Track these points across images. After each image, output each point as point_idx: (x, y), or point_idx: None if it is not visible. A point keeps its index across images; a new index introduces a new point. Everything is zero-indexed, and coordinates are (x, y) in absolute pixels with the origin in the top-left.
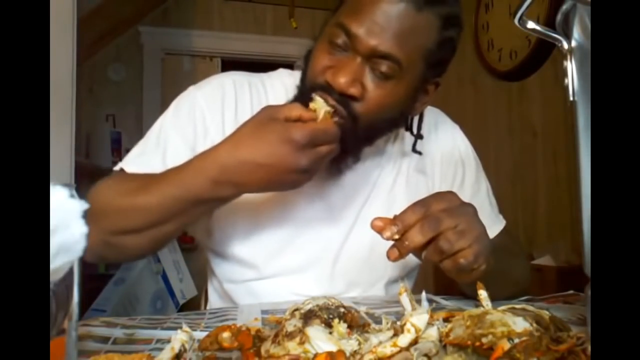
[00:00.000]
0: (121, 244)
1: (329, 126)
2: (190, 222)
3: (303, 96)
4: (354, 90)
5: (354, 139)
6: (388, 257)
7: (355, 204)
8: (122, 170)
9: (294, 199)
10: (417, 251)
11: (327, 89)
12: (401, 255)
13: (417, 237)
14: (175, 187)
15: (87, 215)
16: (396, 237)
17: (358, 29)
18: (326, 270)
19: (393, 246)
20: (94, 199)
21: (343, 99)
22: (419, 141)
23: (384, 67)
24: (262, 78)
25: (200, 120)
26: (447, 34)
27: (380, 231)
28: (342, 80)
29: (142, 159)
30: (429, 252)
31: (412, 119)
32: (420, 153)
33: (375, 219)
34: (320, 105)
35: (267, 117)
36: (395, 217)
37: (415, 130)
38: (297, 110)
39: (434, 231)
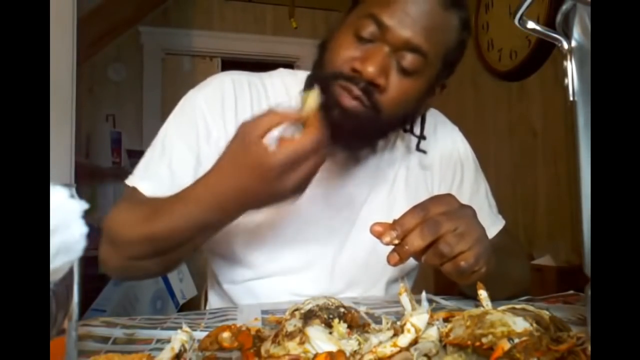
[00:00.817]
0: (141, 267)
1: (307, 139)
2: (203, 242)
3: (323, 86)
4: (381, 80)
5: (375, 129)
6: (388, 262)
7: (355, 203)
8: (134, 189)
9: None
10: (417, 255)
11: (352, 79)
12: (401, 260)
13: (416, 241)
14: (181, 217)
15: (107, 241)
16: (396, 241)
17: (390, 20)
18: (326, 270)
19: (393, 251)
20: (111, 226)
21: (368, 88)
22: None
23: (409, 60)
24: (261, 77)
25: (202, 124)
26: (462, 35)
27: (379, 236)
28: (370, 69)
29: (149, 170)
30: (429, 256)
31: (412, 122)
32: (424, 152)
33: (375, 224)
34: (312, 96)
35: (244, 139)
36: (395, 221)
37: (417, 131)
38: (276, 119)
39: (434, 235)
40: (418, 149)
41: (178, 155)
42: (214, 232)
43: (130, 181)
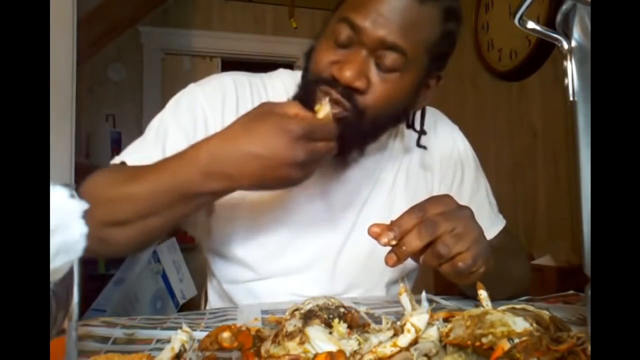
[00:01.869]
0: (111, 237)
1: (327, 123)
2: (180, 217)
3: (306, 92)
4: (359, 84)
5: (360, 132)
6: (386, 263)
7: (355, 203)
8: (121, 163)
9: (294, 198)
10: (415, 256)
11: (332, 83)
12: (399, 261)
13: (414, 242)
14: (164, 177)
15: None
16: (393, 242)
17: (364, 22)
18: (327, 271)
19: (391, 251)
20: (86, 189)
21: (348, 92)
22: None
23: (389, 59)
24: (262, 78)
25: (200, 117)
26: (447, 26)
27: (377, 237)
28: (348, 74)
29: (141, 151)
30: (427, 257)
31: (413, 115)
32: (425, 147)
33: (372, 225)
34: (324, 107)
35: (263, 111)
36: (392, 222)
37: (417, 126)
38: (295, 108)
39: (431, 235)
40: (419, 144)
41: (172, 141)
42: (196, 206)
43: (119, 158)
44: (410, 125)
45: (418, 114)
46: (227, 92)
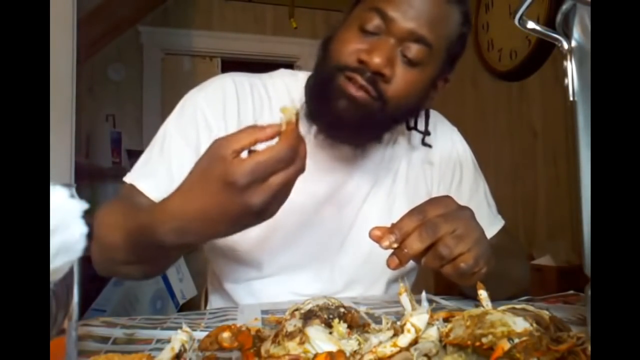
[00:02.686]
0: (119, 271)
1: (277, 149)
2: (169, 264)
3: (324, 80)
4: (387, 70)
5: (381, 120)
6: (388, 266)
7: (355, 202)
8: (131, 186)
9: (295, 197)
10: (417, 258)
11: (358, 69)
12: (401, 264)
13: (415, 244)
14: (138, 232)
15: (94, 238)
16: (395, 245)
17: (395, 12)
18: (327, 269)
19: (392, 254)
20: (97, 225)
21: (374, 78)
22: (421, 138)
23: (414, 51)
24: (262, 78)
25: (202, 124)
26: (463, 29)
27: (378, 240)
28: (377, 60)
29: (147, 168)
30: (428, 259)
31: (416, 117)
32: (430, 146)
33: (374, 228)
34: (291, 110)
35: (213, 156)
36: (393, 225)
37: (421, 127)
38: (250, 137)
39: (432, 237)
40: (424, 143)
41: (177, 154)
42: (180, 254)
43: (128, 178)
44: (412, 127)
45: (421, 115)
46: (228, 93)
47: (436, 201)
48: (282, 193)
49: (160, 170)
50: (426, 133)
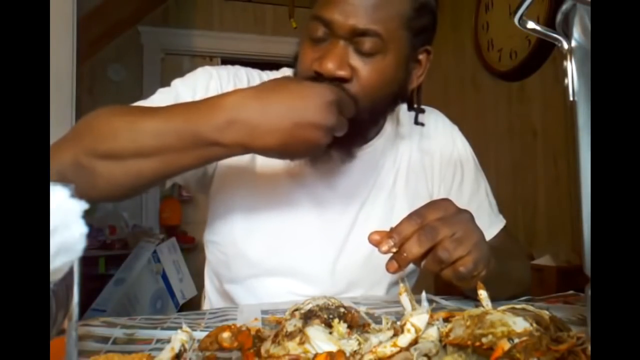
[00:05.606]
0: (92, 169)
1: (351, 101)
2: (177, 169)
3: None
4: (342, 72)
5: (358, 120)
6: (387, 270)
7: (356, 203)
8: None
9: (295, 197)
10: (417, 262)
11: (317, 79)
12: (400, 268)
13: (414, 248)
14: (177, 117)
15: (70, 134)
16: (394, 249)
17: (333, 15)
18: (327, 270)
19: (392, 258)
20: (86, 118)
21: (335, 83)
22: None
23: (366, 44)
24: (262, 73)
25: (173, 93)
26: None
27: (377, 245)
28: (329, 66)
29: (153, 99)
30: (428, 263)
31: (411, 95)
32: (422, 124)
33: (372, 232)
34: None
35: (293, 79)
36: (392, 229)
37: (414, 105)
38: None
39: (432, 241)
40: (416, 122)
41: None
42: (199, 160)
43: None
44: (412, 107)
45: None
46: (201, 75)
47: (435, 205)
48: (339, 131)
49: (167, 100)
50: (418, 110)
